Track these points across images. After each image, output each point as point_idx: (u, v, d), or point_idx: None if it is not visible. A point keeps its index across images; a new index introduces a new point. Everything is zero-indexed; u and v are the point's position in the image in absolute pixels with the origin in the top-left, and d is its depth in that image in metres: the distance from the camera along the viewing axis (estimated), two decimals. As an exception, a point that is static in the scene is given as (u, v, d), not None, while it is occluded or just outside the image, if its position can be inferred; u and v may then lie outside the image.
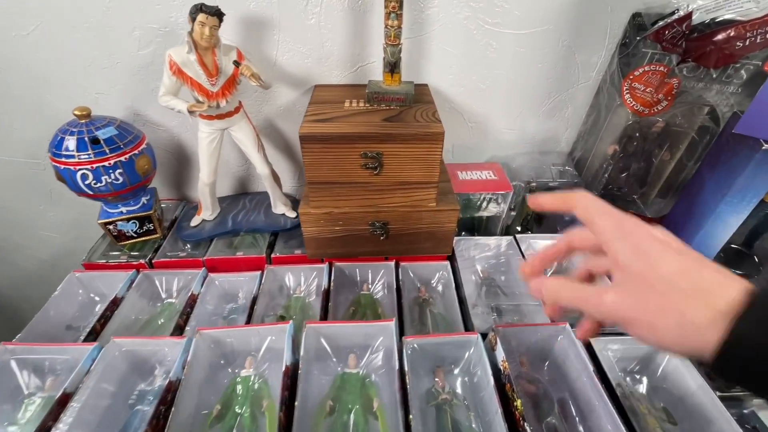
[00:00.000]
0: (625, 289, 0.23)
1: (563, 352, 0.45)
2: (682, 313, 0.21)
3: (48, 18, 0.56)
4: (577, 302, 0.25)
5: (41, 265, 0.91)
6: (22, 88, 0.63)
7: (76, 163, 0.55)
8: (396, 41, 0.51)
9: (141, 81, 0.63)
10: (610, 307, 0.23)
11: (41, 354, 0.44)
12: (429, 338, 0.45)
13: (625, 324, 0.23)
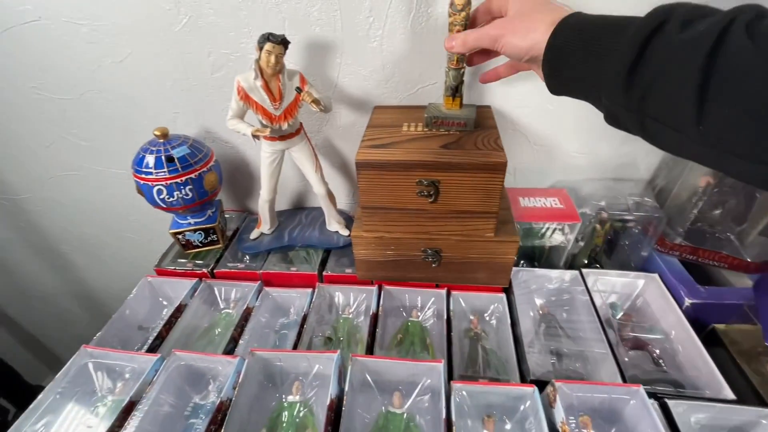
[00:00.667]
0: (503, 21, 0.37)
1: (635, 417, 0.40)
2: (529, 28, 0.34)
3: (138, 47, 0.62)
4: (477, 37, 0.38)
5: (122, 262, 1.00)
6: (113, 108, 0.70)
7: (153, 179, 0.60)
8: (459, 65, 0.48)
9: (213, 101, 0.67)
10: (492, 30, 0.37)
11: (114, 359, 0.48)
12: (479, 386, 0.42)
13: (498, 38, 0.37)
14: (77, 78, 0.67)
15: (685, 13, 0.25)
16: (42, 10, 0.60)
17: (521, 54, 0.35)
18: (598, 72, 0.29)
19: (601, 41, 0.29)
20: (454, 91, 0.51)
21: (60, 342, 1.31)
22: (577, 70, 0.31)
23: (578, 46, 0.30)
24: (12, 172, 0.83)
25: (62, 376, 0.47)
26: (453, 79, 0.50)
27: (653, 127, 0.27)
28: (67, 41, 0.62)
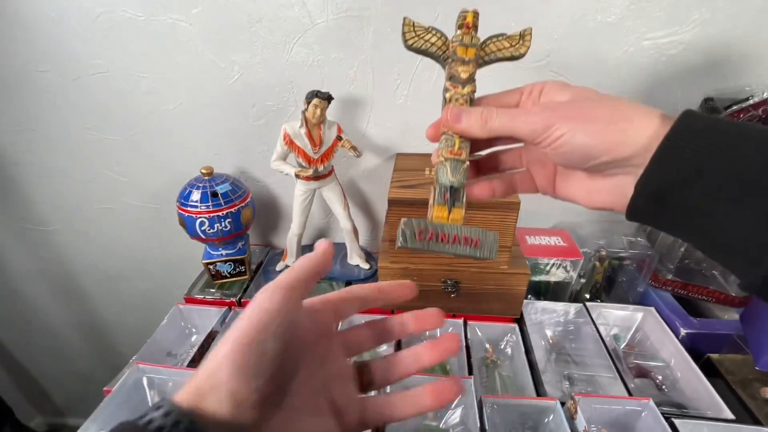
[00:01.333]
0: (557, 104, 0.25)
1: (647, 428, 0.44)
2: (615, 116, 0.23)
3: (190, 97, 0.71)
4: (510, 122, 0.25)
5: (138, 295, 1.03)
6: (154, 147, 0.77)
7: (197, 212, 0.65)
8: (460, 153, 0.29)
9: (251, 145, 0.75)
10: (536, 115, 0.24)
11: (164, 375, 0.51)
12: (507, 399, 0.46)
13: (548, 127, 0.23)
14: (130, 121, 0.74)
15: None
16: (110, 64, 0.69)
17: (590, 155, 0.23)
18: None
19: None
20: (451, 197, 0.28)
21: (53, 379, 1.28)
22: (720, 206, 0.20)
23: (731, 166, 0.19)
24: (47, 203, 0.88)
25: (117, 390, 0.49)
26: (451, 174, 0.28)
27: None
28: (128, 91, 0.71)
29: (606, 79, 0.63)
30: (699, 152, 0.20)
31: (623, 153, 0.22)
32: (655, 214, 0.23)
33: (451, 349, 0.26)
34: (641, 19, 0.57)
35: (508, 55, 0.30)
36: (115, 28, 0.65)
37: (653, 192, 0.22)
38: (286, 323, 0.20)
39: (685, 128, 0.20)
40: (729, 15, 0.56)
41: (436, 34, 0.29)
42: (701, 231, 0.22)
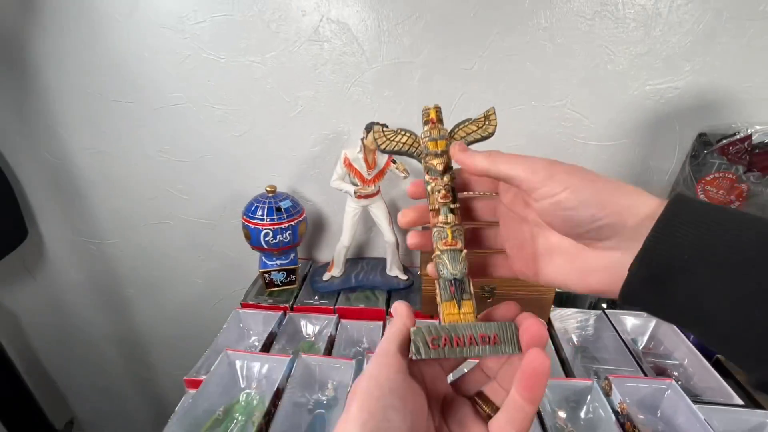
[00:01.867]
0: (568, 164, 0.24)
1: (672, 403, 0.51)
2: (614, 188, 0.22)
3: (256, 126, 0.82)
4: (513, 165, 0.24)
5: (179, 305, 1.09)
6: (219, 168, 0.87)
7: (262, 224, 0.74)
8: (455, 243, 0.28)
9: (306, 169, 0.85)
10: (538, 163, 0.23)
11: (251, 361, 0.59)
12: (551, 379, 0.53)
13: (549, 177, 0.23)
14: (198, 146, 0.85)
15: None
16: (189, 97, 0.80)
17: (594, 215, 0.22)
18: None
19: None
20: (457, 289, 0.27)
21: (78, 394, 1.31)
22: (723, 287, 0.19)
23: (731, 247, 0.19)
24: (109, 219, 0.96)
25: (212, 373, 0.56)
26: (451, 266, 0.27)
27: None
28: (202, 120, 0.82)
29: (616, 117, 0.74)
30: (689, 238, 0.20)
31: (629, 220, 0.21)
32: (652, 300, 0.21)
33: (540, 335, 0.23)
34: (643, 69, 0.70)
35: (478, 137, 0.30)
36: (199, 67, 0.77)
37: (649, 278, 0.21)
38: (405, 388, 0.22)
39: (675, 213, 0.20)
40: (715, 67, 0.68)
41: (406, 134, 0.31)
42: (702, 321, 0.20)
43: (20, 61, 0.79)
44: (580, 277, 0.25)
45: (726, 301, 0.19)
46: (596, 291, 0.24)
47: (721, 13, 0.64)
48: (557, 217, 0.24)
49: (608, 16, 0.66)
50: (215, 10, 0.72)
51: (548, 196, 0.23)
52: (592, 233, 0.23)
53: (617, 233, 0.22)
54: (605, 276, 0.23)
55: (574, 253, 0.25)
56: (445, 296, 0.26)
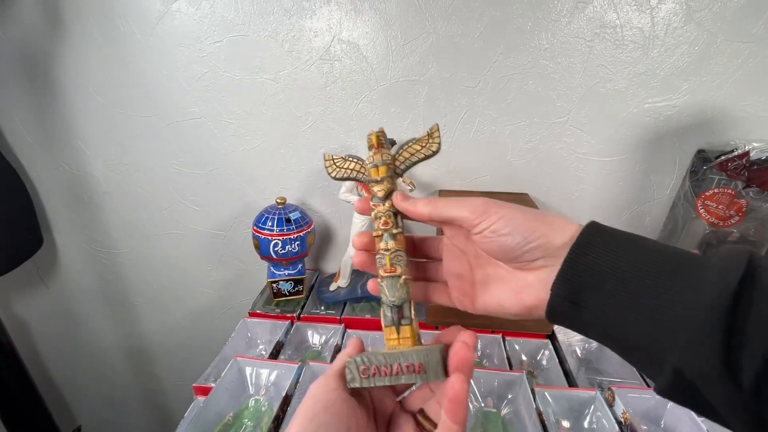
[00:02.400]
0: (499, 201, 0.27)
1: (674, 415, 0.52)
2: (537, 216, 0.26)
3: (267, 139, 0.85)
4: (453, 205, 0.27)
5: (187, 315, 1.10)
6: (230, 181, 0.90)
7: (272, 234, 0.76)
8: (393, 270, 0.29)
9: (314, 182, 0.87)
10: (475, 200, 0.27)
11: (260, 367, 0.60)
12: (555, 389, 0.54)
13: (485, 211, 0.26)
14: (212, 159, 0.88)
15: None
16: (204, 112, 0.83)
17: (527, 238, 0.25)
18: (662, 314, 0.21)
19: (659, 267, 0.22)
20: (396, 315, 0.28)
21: (84, 402, 1.32)
22: (623, 298, 0.22)
23: (630, 263, 0.22)
24: (123, 229, 0.99)
25: (223, 379, 0.57)
26: (389, 293, 0.29)
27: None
28: (215, 134, 0.85)
29: (615, 134, 0.76)
30: (598, 260, 0.23)
31: (555, 241, 0.25)
32: (572, 315, 0.24)
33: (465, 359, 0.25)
34: (642, 87, 0.72)
35: (422, 157, 0.31)
36: (214, 84, 0.81)
37: (567, 294, 0.24)
38: (340, 404, 0.25)
39: (587, 238, 0.24)
40: (712, 87, 0.71)
41: (353, 160, 0.32)
42: (609, 333, 0.23)
43: (44, 78, 0.83)
44: (515, 297, 0.27)
45: (625, 311, 0.22)
46: (529, 307, 0.27)
47: (716, 35, 0.67)
48: (494, 244, 0.27)
49: (607, 38, 0.69)
50: (231, 30, 0.75)
51: (486, 227, 0.26)
52: (524, 255, 0.26)
53: (545, 253, 0.25)
54: (537, 290, 0.26)
55: (508, 278, 0.28)
56: (385, 321, 0.28)
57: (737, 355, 0.19)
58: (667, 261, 0.22)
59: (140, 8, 0.75)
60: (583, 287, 0.23)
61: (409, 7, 0.71)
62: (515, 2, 0.68)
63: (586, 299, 0.23)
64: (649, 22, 0.68)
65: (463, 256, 0.31)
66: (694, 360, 0.20)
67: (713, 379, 0.20)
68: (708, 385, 0.20)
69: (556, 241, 0.25)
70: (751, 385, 0.19)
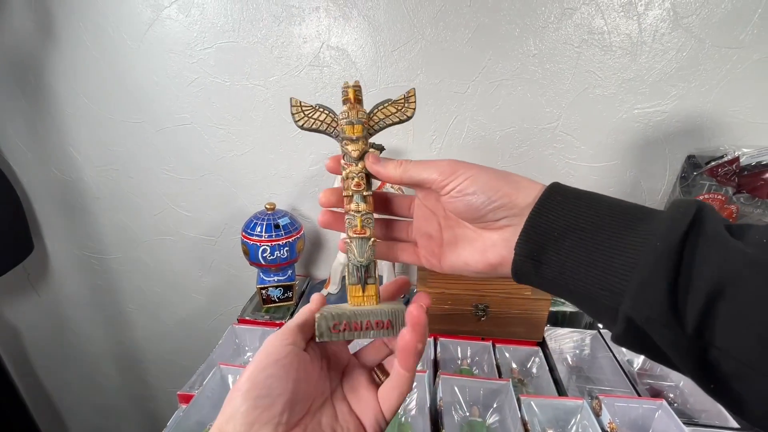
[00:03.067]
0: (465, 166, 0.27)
1: (662, 425, 0.51)
2: (503, 176, 0.27)
3: (257, 146, 0.85)
4: (423, 167, 0.28)
5: (178, 321, 1.10)
6: (221, 187, 0.90)
7: (260, 240, 0.76)
8: (363, 231, 0.29)
9: (305, 187, 0.87)
10: (443, 162, 0.27)
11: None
12: (542, 398, 0.53)
13: (454, 171, 0.27)
14: (203, 164, 0.88)
15: (720, 217, 0.22)
16: (194, 118, 0.83)
17: (491, 198, 0.26)
18: (614, 265, 0.22)
19: (613, 222, 0.23)
20: (363, 275, 0.29)
21: (73, 410, 1.30)
22: (580, 253, 0.23)
23: (587, 221, 0.23)
24: (113, 234, 0.99)
25: (205, 387, 0.56)
26: (358, 253, 0.29)
27: (727, 365, 0.20)
28: (205, 140, 0.85)
29: (605, 139, 0.76)
30: (558, 219, 0.24)
31: (519, 201, 0.26)
32: (534, 273, 0.25)
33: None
34: (631, 93, 0.72)
35: (396, 120, 0.31)
36: (204, 90, 0.81)
37: (529, 252, 0.25)
38: (292, 357, 0.25)
39: (548, 198, 0.25)
40: (700, 92, 0.70)
41: (324, 111, 0.30)
42: (569, 288, 0.24)
43: (36, 84, 0.84)
44: (481, 255, 0.28)
45: (583, 266, 0.23)
46: (493, 264, 0.28)
47: (703, 41, 0.67)
48: (461, 203, 0.27)
49: (595, 44, 0.69)
50: (221, 37, 0.76)
51: (453, 188, 0.27)
52: (489, 215, 0.27)
53: (509, 213, 0.26)
54: (501, 248, 0.27)
55: (474, 238, 0.29)
56: (352, 280, 0.29)
57: (682, 298, 0.20)
58: (622, 215, 0.23)
59: (131, 15, 0.76)
60: (544, 246, 0.24)
61: (397, 14, 0.71)
62: (503, 9, 0.69)
63: (548, 257, 0.24)
64: (636, 29, 0.68)
65: (432, 217, 0.31)
66: (642, 306, 0.20)
67: (660, 324, 0.20)
68: (656, 329, 0.20)
69: (520, 200, 0.26)
70: (693, 327, 0.20)
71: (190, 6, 0.74)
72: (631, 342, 0.22)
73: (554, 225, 0.24)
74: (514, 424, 0.50)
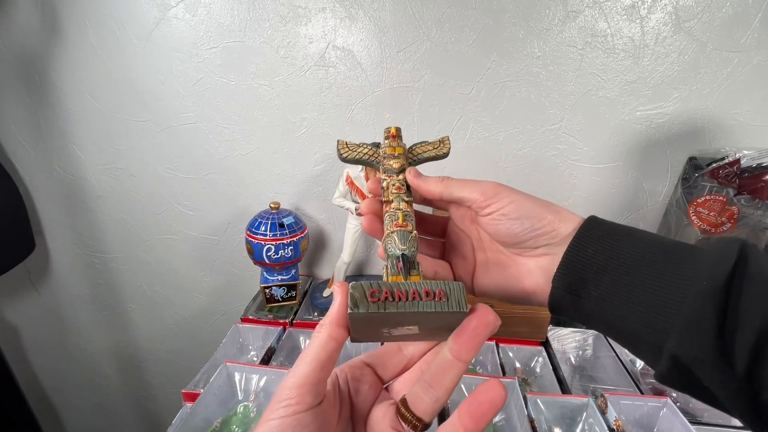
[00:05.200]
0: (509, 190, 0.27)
1: (668, 423, 0.51)
2: (544, 204, 0.26)
3: (262, 145, 0.85)
4: (463, 186, 0.27)
5: (179, 321, 1.09)
6: (226, 186, 0.90)
7: (265, 239, 0.76)
8: (405, 225, 0.27)
9: (309, 187, 0.87)
10: (485, 184, 0.27)
11: (250, 373, 0.59)
12: (548, 396, 0.53)
13: (496, 194, 0.26)
14: (206, 163, 0.88)
15: (763, 255, 0.21)
16: (199, 116, 0.84)
17: (534, 226, 0.25)
18: (658, 303, 0.21)
19: (655, 259, 0.22)
20: (405, 266, 0.24)
21: (72, 410, 1.29)
22: (621, 289, 0.22)
23: (628, 256, 0.23)
24: (116, 233, 0.99)
25: (212, 385, 0.56)
26: (399, 242, 0.25)
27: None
28: (210, 138, 0.85)
29: (608, 140, 0.77)
30: (597, 253, 0.24)
31: (561, 230, 0.25)
32: (573, 307, 0.25)
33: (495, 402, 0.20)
34: (633, 95, 0.73)
35: (432, 155, 0.33)
36: (210, 89, 0.81)
37: (567, 286, 0.24)
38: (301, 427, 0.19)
39: (587, 232, 0.25)
40: (702, 95, 0.71)
41: (367, 146, 0.33)
42: (609, 323, 0.24)
43: (41, 82, 0.84)
44: (516, 281, 0.28)
45: (624, 302, 0.23)
46: (528, 292, 0.27)
47: (705, 45, 0.68)
48: (502, 227, 0.27)
49: (598, 47, 0.70)
50: (227, 36, 0.76)
51: (496, 210, 0.27)
52: (529, 242, 0.26)
53: (549, 241, 0.26)
54: (537, 277, 0.27)
55: (508, 263, 0.28)
56: (392, 271, 0.24)
57: (730, 339, 0.19)
58: (664, 252, 0.23)
59: (137, 14, 0.76)
60: (584, 279, 0.24)
61: (403, 15, 0.72)
62: (508, 11, 0.69)
63: (587, 291, 0.24)
64: (639, 32, 0.69)
65: (466, 238, 0.31)
66: (689, 346, 0.20)
67: (708, 364, 0.20)
68: (703, 370, 0.20)
69: (562, 230, 0.25)
70: (744, 368, 0.19)
71: (197, 5, 0.74)
72: (677, 381, 0.22)
73: (593, 259, 0.24)
74: (521, 422, 0.50)
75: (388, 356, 0.26)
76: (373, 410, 0.23)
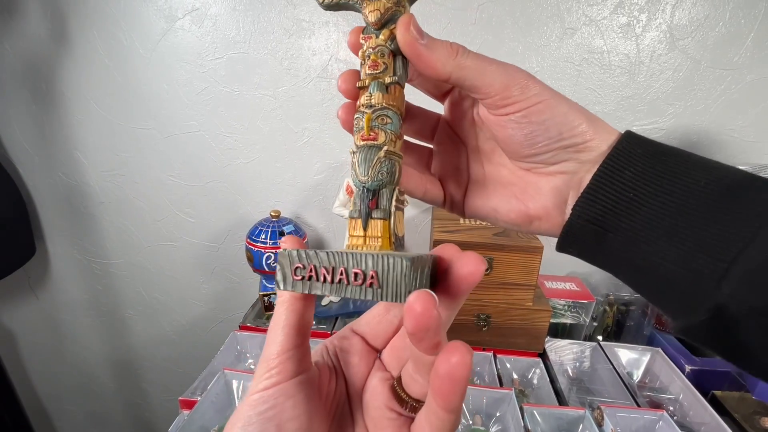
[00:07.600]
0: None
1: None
2: (593, 120, 0.20)
3: (264, 154, 0.86)
4: (486, 65, 0.20)
5: (177, 328, 1.09)
6: (225, 193, 0.91)
7: (265, 247, 0.77)
8: (372, 136, 0.20)
9: (308, 195, 0.88)
10: (510, 67, 0.20)
11: (248, 380, 0.59)
12: (544, 407, 0.53)
13: (524, 84, 0.19)
14: (208, 171, 0.89)
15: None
16: (202, 125, 0.85)
17: (567, 132, 0.20)
18: (709, 242, 0.17)
19: (709, 188, 0.18)
20: (365, 204, 0.20)
21: (67, 417, 1.28)
22: (662, 224, 0.18)
23: (677, 183, 0.18)
24: (117, 239, 0.99)
25: (209, 392, 0.56)
26: (360, 169, 0.20)
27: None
28: (212, 147, 0.86)
29: (605, 154, 0.78)
30: (637, 177, 0.19)
31: (593, 146, 0.20)
32: (595, 242, 0.20)
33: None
34: (629, 110, 0.75)
35: None
36: (213, 99, 0.82)
37: (593, 216, 0.19)
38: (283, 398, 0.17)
39: (627, 150, 0.19)
40: (696, 111, 0.73)
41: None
42: (637, 265, 0.19)
43: (47, 89, 0.85)
44: (518, 202, 0.22)
45: (665, 240, 0.18)
46: (531, 216, 0.22)
47: (699, 62, 0.70)
48: (519, 132, 0.20)
49: (595, 63, 0.72)
50: (232, 48, 0.78)
51: (519, 110, 0.20)
52: (547, 155, 0.21)
53: (576, 155, 0.20)
54: (547, 199, 0.21)
55: (512, 179, 0.23)
56: (352, 212, 0.20)
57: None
58: (718, 180, 0.18)
59: (144, 25, 0.78)
60: (616, 210, 0.19)
61: (404, 30, 0.73)
62: (507, 27, 0.71)
63: (616, 223, 0.19)
64: (634, 49, 0.70)
65: (461, 146, 0.24)
66: (749, 295, 0.16)
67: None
68: (761, 323, 0.16)
69: (594, 145, 0.20)
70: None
71: (203, 18, 0.76)
72: (710, 336, 0.18)
73: (631, 184, 0.19)
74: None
75: (376, 321, 0.21)
76: (368, 384, 0.20)
